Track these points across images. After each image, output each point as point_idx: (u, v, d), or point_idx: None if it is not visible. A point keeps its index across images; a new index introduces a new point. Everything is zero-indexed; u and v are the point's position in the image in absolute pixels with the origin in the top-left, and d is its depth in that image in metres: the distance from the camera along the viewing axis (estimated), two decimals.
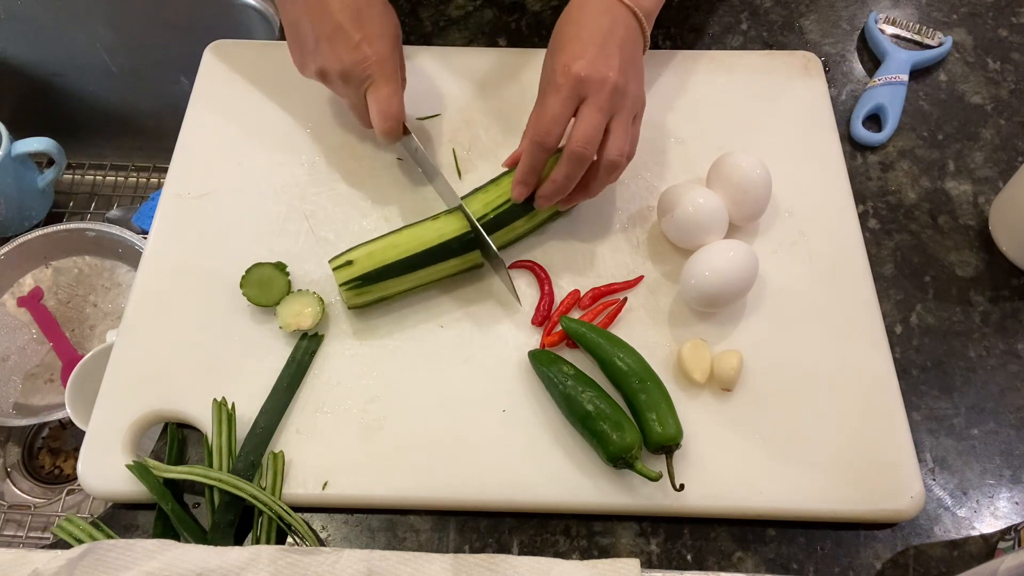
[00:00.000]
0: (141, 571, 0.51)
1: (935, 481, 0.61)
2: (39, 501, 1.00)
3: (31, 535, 0.96)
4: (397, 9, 0.69)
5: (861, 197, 0.74)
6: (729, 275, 0.62)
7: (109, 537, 0.55)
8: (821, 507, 0.58)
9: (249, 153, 0.74)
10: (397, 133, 0.66)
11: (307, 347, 0.64)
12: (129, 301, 0.67)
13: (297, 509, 0.57)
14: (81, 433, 0.62)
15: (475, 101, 0.77)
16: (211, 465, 0.58)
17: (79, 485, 0.64)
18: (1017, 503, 0.60)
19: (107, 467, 0.59)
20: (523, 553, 0.58)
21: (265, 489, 0.57)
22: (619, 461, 0.56)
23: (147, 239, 0.70)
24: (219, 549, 0.53)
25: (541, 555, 0.58)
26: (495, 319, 0.66)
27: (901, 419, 0.61)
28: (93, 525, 0.56)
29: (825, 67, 0.81)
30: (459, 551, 0.58)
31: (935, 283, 0.70)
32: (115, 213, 1.14)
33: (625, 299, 0.66)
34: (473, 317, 0.66)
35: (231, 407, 0.60)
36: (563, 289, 0.67)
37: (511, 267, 0.68)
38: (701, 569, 0.57)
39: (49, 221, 1.12)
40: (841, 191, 0.72)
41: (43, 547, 0.57)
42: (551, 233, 0.70)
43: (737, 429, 0.61)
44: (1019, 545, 0.55)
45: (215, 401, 0.60)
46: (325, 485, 0.58)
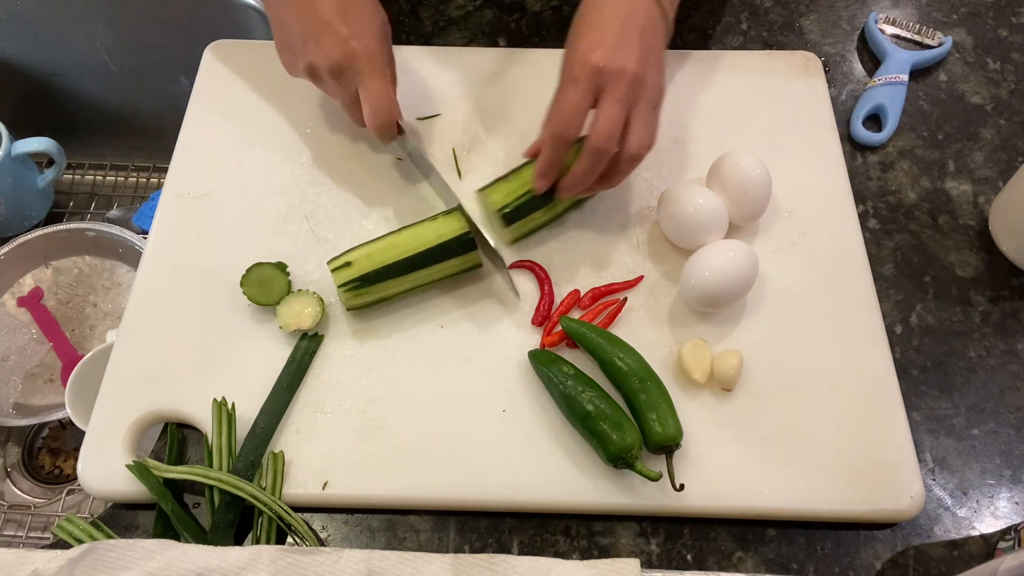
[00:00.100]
0: (141, 571, 0.51)
1: (935, 481, 0.61)
2: (39, 501, 1.00)
3: (31, 535, 0.96)
4: (397, 9, 0.69)
5: (861, 197, 0.74)
6: (729, 275, 0.62)
7: (109, 537, 0.55)
8: (821, 507, 0.58)
9: (249, 153, 0.74)
10: (390, 129, 0.65)
11: (307, 347, 0.64)
12: (129, 301, 0.67)
13: (297, 509, 0.57)
14: (81, 433, 0.62)
15: (475, 101, 0.77)
16: (211, 465, 0.58)
17: (79, 485, 0.64)
18: (1017, 503, 0.60)
19: (107, 467, 0.59)
20: (523, 553, 0.58)
21: (265, 489, 0.57)
22: (619, 461, 0.56)
23: (147, 239, 0.70)
24: (219, 549, 0.53)
25: (541, 555, 0.58)
26: (495, 319, 0.66)
27: (901, 419, 0.61)
28: (93, 525, 0.56)
29: (825, 67, 0.81)
30: (459, 551, 0.58)
31: (935, 283, 0.70)
32: (115, 213, 1.14)
33: (625, 299, 0.66)
34: (473, 317, 0.66)
35: (231, 407, 0.60)
36: (563, 289, 0.67)
37: (511, 267, 0.68)
38: (701, 569, 0.57)
39: (49, 221, 1.12)
40: (841, 191, 0.72)
41: (43, 547, 0.57)
42: (551, 233, 0.70)
43: (737, 429, 0.61)
44: (1019, 545, 0.55)
45: (215, 401, 0.60)
46: (325, 485, 0.58)
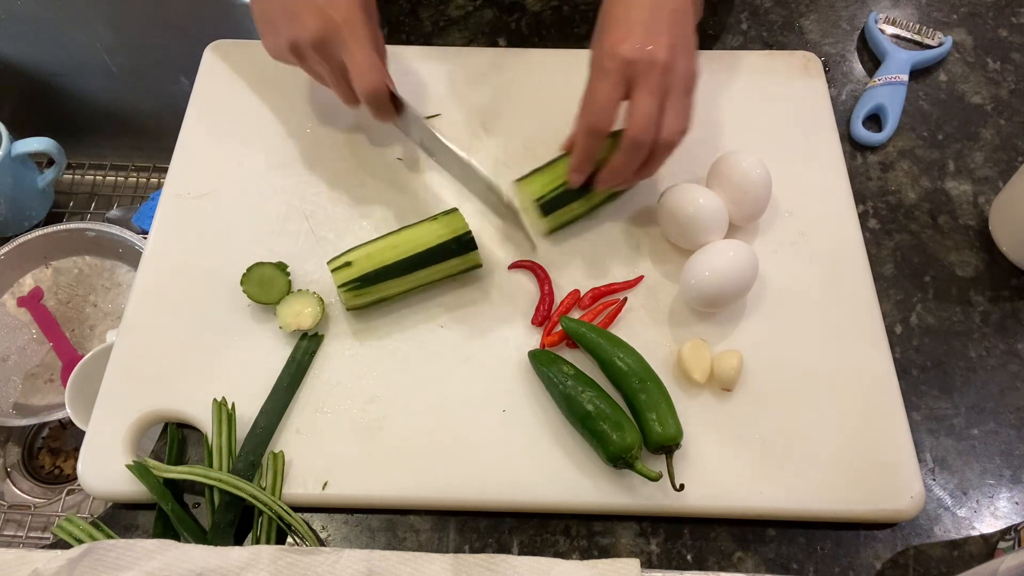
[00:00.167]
0: (141, 571, 0.51)
1: (935, 481, 0.61)
2: (39, 501, 1.00)
3: (31, 535, 0.96)
4: (397, 9, 0.69)
5: (861, 197, 0.74)
6: (729, 275, 0.62)
7: (109, 537, 0.55)
8: (821, 507, 0.58)
9: (249, 153, 0.74)
10: (381, 98, 0.63)
11: (307, 347, 0.64)
12: (129, 301, 0.67)
13: (297, 509, 0.57)
14: (81, 433, 0.62)
15: (475, 101, 0.77)
16: (211, 465, 0.58)
17: (79, 485, 0.64)
18: (1017, 503, 0.60)
19: (107, 467, 0.59)
20: (523, 553, 0.58)
21: (265, 489, 0.57)
22: (619, 461, 0.56)
23: (147, 239, 0.70)
24: (219, 549, 0.53)
25: (541, 555, 0.58)
26: (495, 319, 0.66)
27: (901, 419, 0.61)
28: (93, 525, 0.56)
29: (825, 67, 0.81)
30: (459, 551, 0.58)
31: (935, 283, 0.70)
32: (115, 213, 1.14)
33: (625, 299, 0.66)
34: (473, 317, 0.66)
35: (231, 407, 0.60)
36: (563, 289, 0.67)
37: (511, 267, 0.68)
38: (701, 569, 0.57)
39: (49, 221, 1.12)
40: (841, 191, 0.72)
41: (43, 547, 0.57)
42: (551, 233, 0.70)
43: (737, 429, 0.61)
44: (1019, 545, 0.55)
45: (215, 401, 0.60)
46: (325, 485, 0.58)
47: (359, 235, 0.69)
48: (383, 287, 0.63)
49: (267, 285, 0.65)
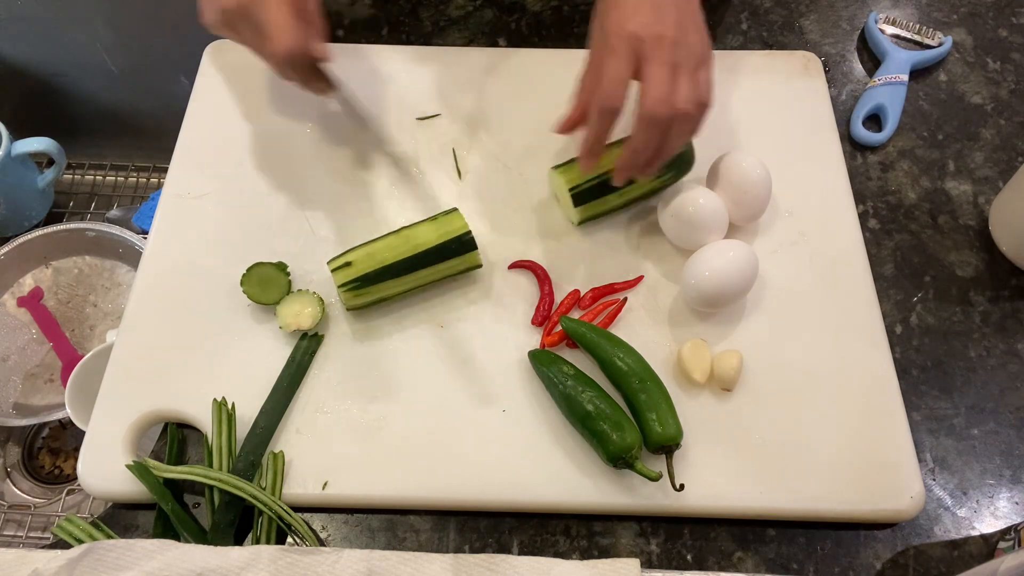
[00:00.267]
0: (141, 571, 0.51)
1: (935, 481, 0.61)
2: (39, 501, 1.00)
3: (31, 535, 0.97)
4: (397, 9, 0.68)
5: (861, 197, 0.74)
6: (729, 275, 0.62)
7: (109, 537, 0.55)
8: (821, 507, 0.58)
9: (249, 153, 0.74)
10: (294, 57, 0.61)
11: (307, 347, 0.64)
12: (129, 301, 0.67)
13: (297, 509, 0.57)
14: (81, 433, 0.62)
15: (475, 101, 0.77)
16: (211, 465, 0.58)
17: (79, 485, 0.64)
18: (1017, 503, 0.60)
19: (107, 467, 0.59)
20: (523, 553, 0.58)
21: (265, 489, 0.57)
22: (619, 461, 0.56)
23: (147, 239, 0.70)
24: (219, 549, 0.53)
25: (541, 555, 0.58)
26: (495, 319, 0.66)
27: (901, 419, 0.61)
28: (93, 525, 0.56)
29: (825, 67, 0.81)
30: (459, 551, 0.58)
31: (935, 283, 0.70)
32: (115, 213, 1.14)
33: (625, 299, 0.66)
34: (473, 317, 0.66)
35: (231, 407, 0.60)
36: (563, 289, 0.67)
37: (511, 267, 0.68)
38: (701, 569, 0.57)
39: (49, 221, 1.12)
40: (841, 191, 0.72)
41: (43, 547, 0.57)
42: (550, 233, 0.70)
43: (737, 429, 0.61)
44: (1019, 545, 0.55)
45: (215, 401, 0.60)
46: (325, 485, 0.58)
47: (359, 235, 0.69)
48: (383, 287, 0.63)
49: (267, 285, 0.65)
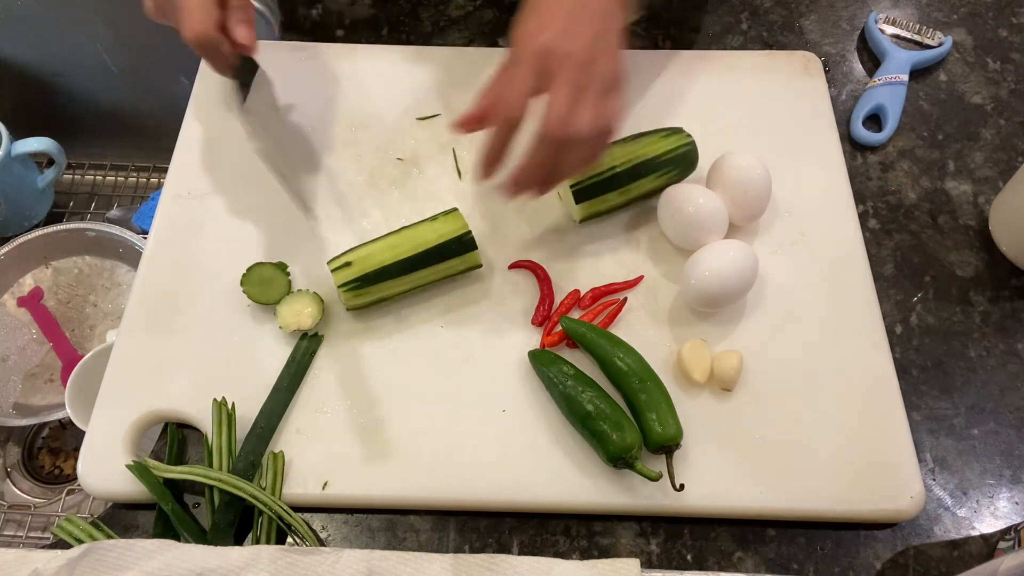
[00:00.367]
0: (141, 571, 0.51)
1: (935, 481, 0.61)
2: (39, 501, 1.00)
3: (31, 535, 0.96)
4: (397, 9, 0.68)
5: (861, 197, 0.74)
6: (729, 275, 0.62)
7: (109, 537, 0.55)
8: (821, 507, 0.58)
9: (249, 153, 0.74)
10: (205, 40, 0.59)
11: (307, 347, 0.64)
12: (129, 301, 0.67)
13: (297, 509, 0.57)
14: (81, 433, 0.62)
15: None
16: (211, 465, 0.58)
17: (79, 485, 0.64)
18: (1017, 503, 0.60)
19: (107, 467, 0.59)
20: (523, 553, 0.58)
21: (265, 489, 0.57)
22: (619, 461, 0.56)
23: (147, 239, 0.70)
24: (219, 549, 0.53)
25: (541, 555, 0.58)
26: (495, 319, 0.66)
27: (901, 419, 0.61)
28: (93, 525, 0.56)
29: (825, 67, 0.81)
30: (459, 551, 0.58)
31: (935, 283, 0.70)
32: (115, 213, 1.14)
33: (625, 299, 0.66)
34: (473, 317, 0.66)
35: (231, 407, 0.60)
36: (563, 289, 0.67)
37: (511, 267, 0.68)
38: (701, 569, 0.57)
39: (49, 221, 1.12)
40: (841, 191, 0.72)
41: (43, 547, 0.57)
42: (550, 233, 0.70)
43: (737, 429, 0.61)
44: (1019, 545, 0.55)
45: (215, 401, 0.60)
46: (325, 485, 0.58)
47: (359, 235, 0.69)
48: (383, 287, 0.63)
49: (267, 285, 0.65)
